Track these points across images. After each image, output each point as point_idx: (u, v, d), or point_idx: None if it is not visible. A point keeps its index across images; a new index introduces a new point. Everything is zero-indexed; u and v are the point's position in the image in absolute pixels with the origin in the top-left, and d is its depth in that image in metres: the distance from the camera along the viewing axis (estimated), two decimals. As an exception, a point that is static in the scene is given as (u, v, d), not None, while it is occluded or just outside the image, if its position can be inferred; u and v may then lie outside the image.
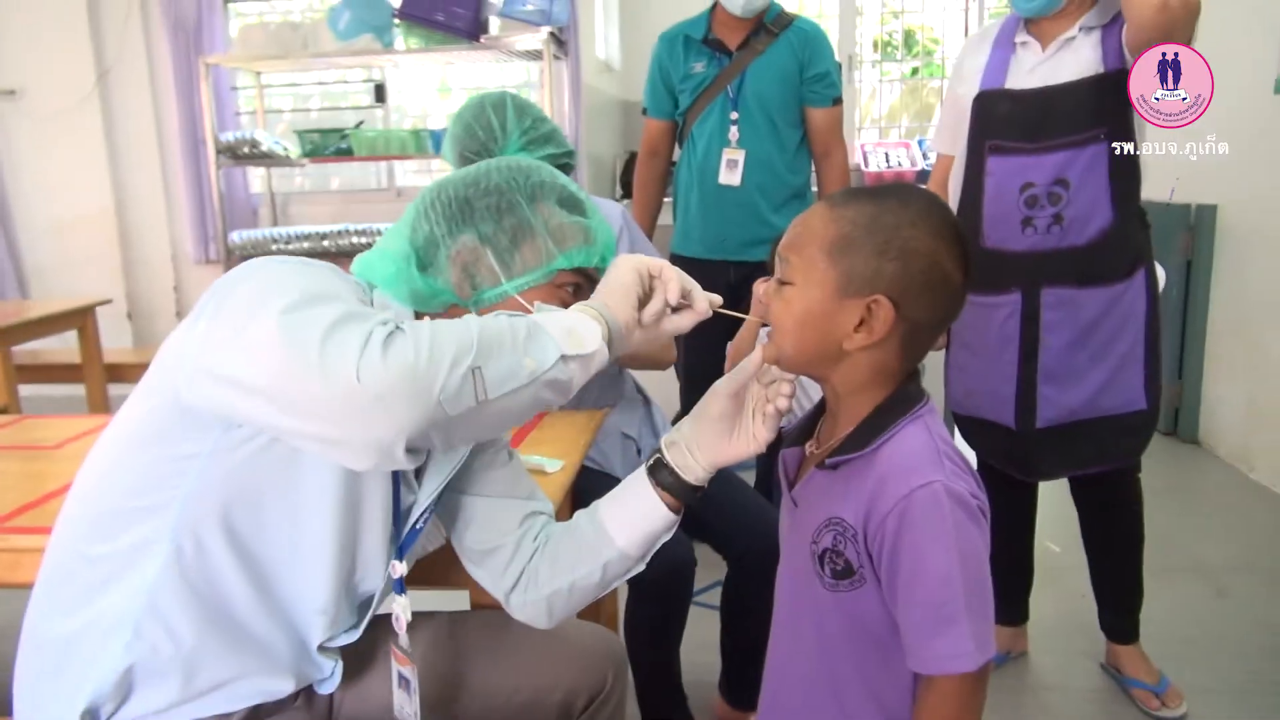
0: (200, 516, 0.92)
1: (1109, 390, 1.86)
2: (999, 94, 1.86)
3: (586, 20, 4.34)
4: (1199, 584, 2.55)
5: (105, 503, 0.94)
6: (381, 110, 4.86)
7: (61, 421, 1.81)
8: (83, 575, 0.95)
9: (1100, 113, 1.77)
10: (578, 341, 0.86)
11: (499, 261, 1.00)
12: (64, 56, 4.56)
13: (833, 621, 0.95)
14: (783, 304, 0.94)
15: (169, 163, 4.77)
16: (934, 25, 5.63)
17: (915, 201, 0.92)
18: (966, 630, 0.86)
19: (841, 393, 0.96)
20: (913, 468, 0.89)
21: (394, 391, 0.75)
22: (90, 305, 3.55)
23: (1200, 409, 3.68)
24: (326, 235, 4.30)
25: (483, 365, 0.80)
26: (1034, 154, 1.81)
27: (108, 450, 0.97)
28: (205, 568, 0.93)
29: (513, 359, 0.82)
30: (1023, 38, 1.88)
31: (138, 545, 0.92)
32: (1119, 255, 1.82)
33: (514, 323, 0.85)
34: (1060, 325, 1.84)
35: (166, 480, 0.91)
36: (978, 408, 1.98)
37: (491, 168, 1.03)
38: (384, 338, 0.77)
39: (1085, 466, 1.93)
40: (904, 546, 0.87)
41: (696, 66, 2.63)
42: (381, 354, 0.75)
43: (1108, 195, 1.79)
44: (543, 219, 1.01)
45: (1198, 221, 3.54)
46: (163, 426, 0.91)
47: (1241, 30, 3.17)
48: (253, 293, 0.84)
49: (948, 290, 0.92)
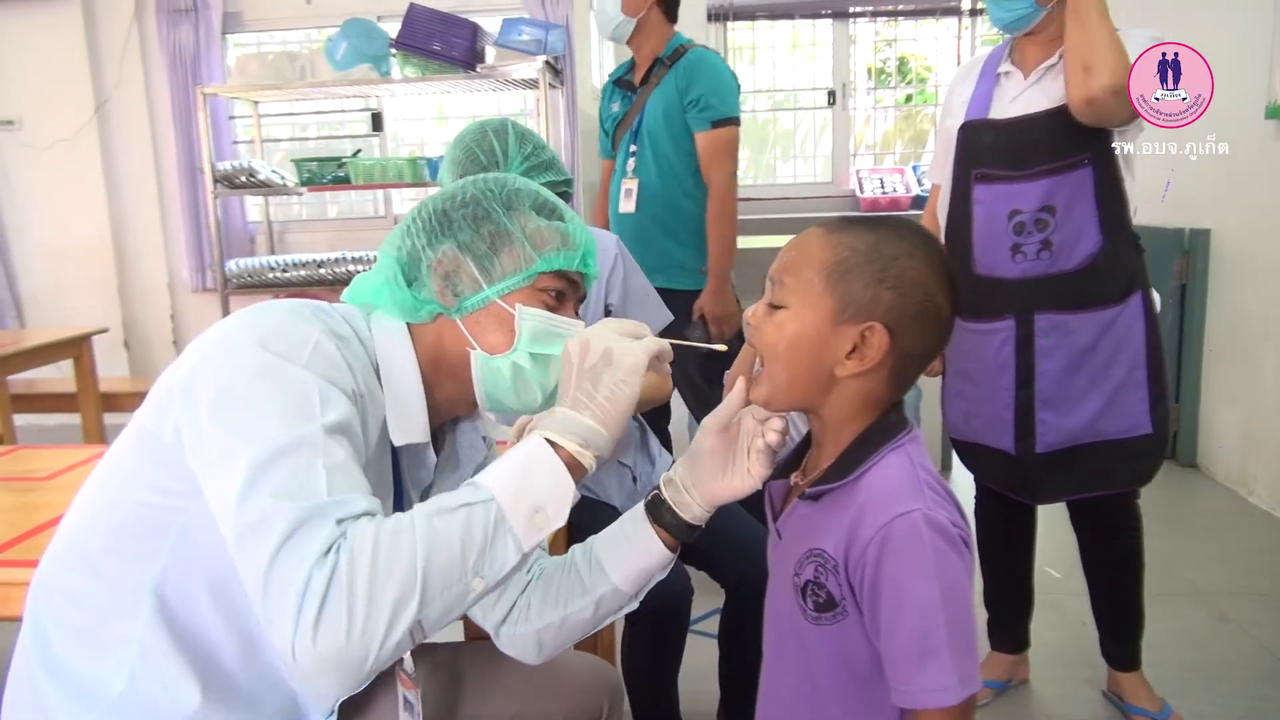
0: (187, 569, 0.90)
1: (1109, 414, 1.85)
2: (983, 124, 1.88)
3: (582, 48, 4.39)
4: (1200, 609, 2.53)
5: (94, 544, 0.94)
6: (378, 139, 4.88)
7: (54, 452, 1.80)
8: (71, 617, 0.93)
9: (1083, 138, 1.77)
10: (543, 522, 0.84)
11: (479, 268, 1.00)
12: (63, 86, 4.59)
13: (816, 655, 0.94)
14: (774, 328, 0.93)
15: (166, 191, 4.79)
16: (927, 54, 5.69)
17: (911, 234, 0.93)
18: (949, 663, 0.84)
19: (829, 423, 0.95)
20: (893, 496, 0.88)
21: (322, 675, 0.75)
22: (86, 334, 3.54)
23: (1198, 433, 3.68)
24: (323, 263, 4.31)
25: (424, 614, 0.78)
26: (1020, 181, 1.82)
27: (99, 486, 0.96)
28: (190, 619, 0.92)
29: (460, 586, 0.80)
30: (1006, 67, 1.90)
31: (128, 592, 0.91)
32: (1110, 279, 1.83)
33: (472, 526, 0.81)
34: (1054, 350, 1.85)
35: (155, 529, 0.90)
36: (976, 433, 1.98)
37: (468, 182, 1.05)
38: (320, 596, 0.74)
39: (1089, 490, 1.92)
40: (884, 577, 0.86)
41: (614, 106, 2.88)
42: (313, 632, 0.74)
43: (1095, 220, 1.80)
44: (520, 225, 1.01)
45: (1192, 245, 3.56)
46: (152, 475, 0.90)
47: (1233, 55, 3.20)
48: (227, 417, 0.83)
49: (939, 323, 0.92)
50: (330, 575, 0.75)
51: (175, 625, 0.91)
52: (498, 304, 1.00)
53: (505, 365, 1.00)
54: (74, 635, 0.93)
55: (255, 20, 4.78)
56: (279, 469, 0.80)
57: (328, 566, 0.75)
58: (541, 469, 0.86)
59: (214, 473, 0.82)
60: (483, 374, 1.01)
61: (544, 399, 1.03)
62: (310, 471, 0.80)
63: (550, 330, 1.00)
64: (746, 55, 5.68)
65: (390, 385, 0.98)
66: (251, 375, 0.85)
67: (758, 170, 5.83)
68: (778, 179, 5.81)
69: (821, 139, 5.77)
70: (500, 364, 1.00)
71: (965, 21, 5.51)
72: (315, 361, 0.87)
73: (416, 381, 1.00)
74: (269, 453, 0.80)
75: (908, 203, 5.41)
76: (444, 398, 1.04)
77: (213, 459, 0.83)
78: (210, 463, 0.83)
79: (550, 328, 1.00)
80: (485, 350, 1.00)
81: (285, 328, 0.89)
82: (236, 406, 0.83)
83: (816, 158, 5.77)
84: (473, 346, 1.00)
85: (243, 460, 0.80)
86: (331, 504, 0.79)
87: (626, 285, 1.88)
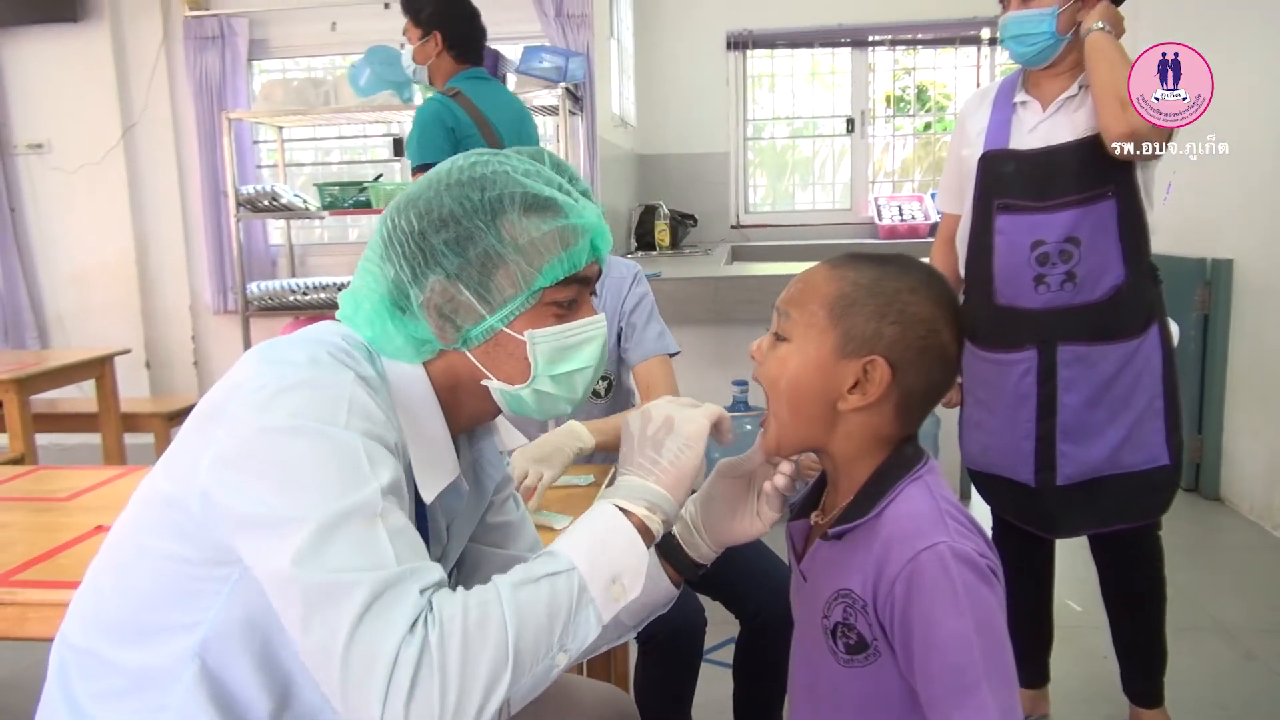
0: (227, 634, 0.87)
1: (1129, 446, 1.84)
2: (1004, 154, 1.87)
3: (602, 76, 4.42)
4: (1224, 645, 2.49)
5: (128, 608, 0.90)
6: (400, 163, 4.93)
7: (75, 473, 1.81)
8: (103, 681, 0.91)
9: (1107, 170, 1.77)
10: (619, 593, 0.83)
11: (475, 297, 0.90)
12: (91, 111, 4.67)
13: (849, 697, 0.93)
14: (777, 362, 0.93)
15: (190, 214, 4.85)
16: (946, 82, 5.70)
17: (916, 270, 0.93)
18: (988, 699, 0.83)
19: (839, 461, 0.95)
20: (916, 530, 0.87)
21: None
22: (108, 355, 3.58)
23: (1221, 465, 3.63)
24: (343, 286, 4.32)
25: (514, 690, 0.75)
26: (1043, 212, 1.80)
27: (133, 551, 0.91)
28: (229, 681, 0.88)
29: (547, 661, 0.78)
30: (1022, 97, 1.89)
31: (166, 661, 0.87)
32: (1133, 311, 1.82)
33: (557, 597, 0.79)
34: (1077, 382, 1.83)
35: (194, 599, 0.86)
36: (993, 464, 1.96)
37: (442, 187, 0.91)
38: (411, 672, 0.71)
39: (1109, 523, 1.90)
40: (915, 614, 0.85)
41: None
42: (404, 711, 0.71)
43: (1119, 252, 1.79)
44: (510, 239, 0.89)
45: (1214, 276, 3.53)
46: (182, 547, 0.86)
47: (1253, 85, 3.19)
48: (271, 487, 0.78)
49: (944, 359, 0.92)
50: (420, 650, 0.72)
51: (215, 690, 0.88)
52: (505, 332, 0.92)
53: (526, 394, 0.94)
54: (105, 700, 0.91)
55: (280, 47, 4.86)
56: (342, 536, 0.75)
57: (417, 640, 0.72)
58: (619, 538, 0.85)
59: (264, 541, 0.77)
60: (504, 400, 0.96)
61: (574, 409, 1.00)
62: (373, 538, 0.76)
63: (568, 344, 0.94)
64: (766, 83, 5.72)
65: (412, 431, 0.92)
66: (292, 440, 0.79)
67: (776, 197, 5.85)
68: (796, 205, 5.82)
69: (840, 166, 5.78)
70: (521, 393, 0.94)
71: (984, 50, 5.52)
72: (354, 419, 0.81)
73: (441, 426, 0.94)
74: (329, 519, 0.76)
75: (926, 230, 5.40)
76: (466, 417, 0.99)
77: (259, 527, 0.77)
78: (256, 530, 0.78)
79: (567, 342, 0.94)
80: (502, 380, 0.94)
81: (314, 385, 0.83)
82: (281, 473, 0.78)
83: (835, 185, 5.79)
84: (488, 378, 0.94)
85: (300, 527, 0.75)
86: (407, 573, 0.76)
87: (639, 304, 1.89)
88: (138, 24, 4.71)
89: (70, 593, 0.97)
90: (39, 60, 4.68)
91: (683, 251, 5.02)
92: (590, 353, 0.96)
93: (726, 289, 3.53)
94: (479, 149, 0.98)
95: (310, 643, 0.74)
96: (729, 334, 3.53)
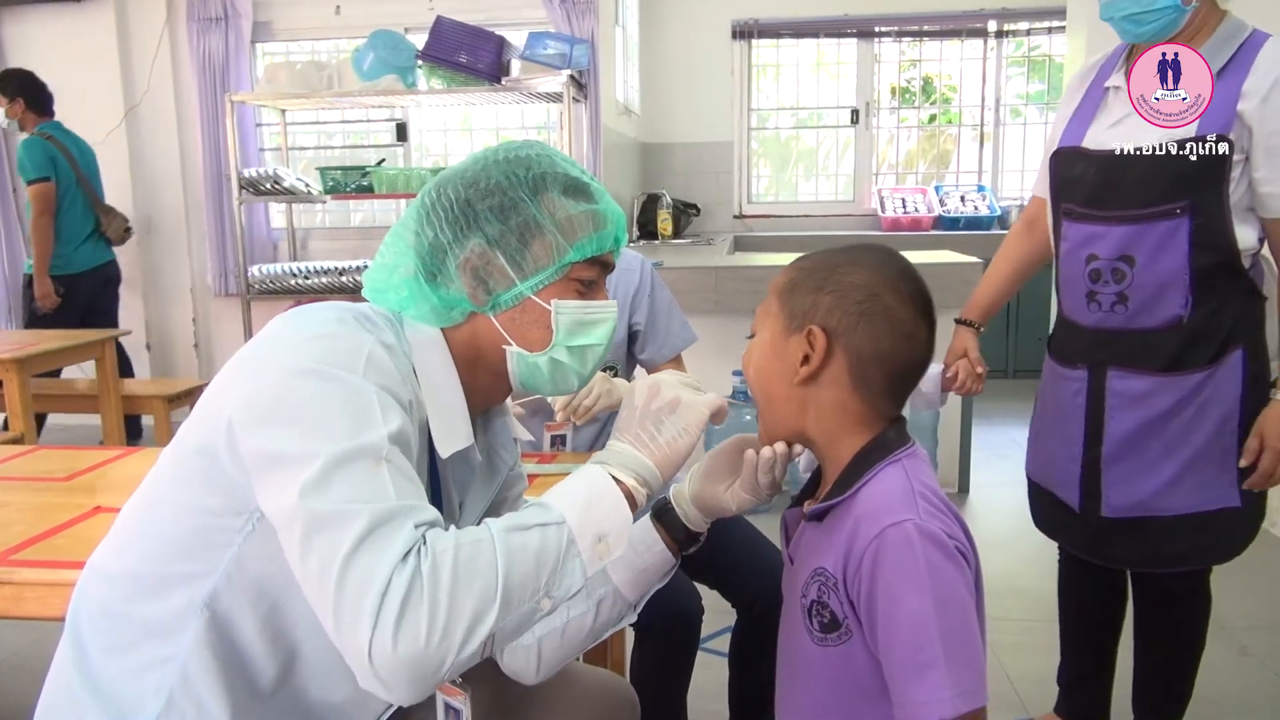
0: (239, 588, 0.90)
1: (1186, 484, 1.64)
2: (1074, 153, 1.68)
3: (606, 64, 4.41)
4: (1219, 643, 2.48)
5: (146, 560, 0.93)
6: (403, 148, 4.92)
7: (74, 453, 1.81)
8: (110, 632, 0.93)
9: (1183, 184, 1.54)
10: (604, 551, 0.86)
11: (510, 263, 0.98)
12: (94, 91, 4.65)
13: (822, 678, 0.94)
14: (748, 355, 1.00)
15: (192, 196, 4.84)
16: (951, 73, 5.68)
17: (864, 250, 0.97)
18: (945, 676, 0.83)
19: (822, 446, 0.97)
20: (885, 507, 0.89)
21: (398, 678, 0.75)
22: (109, 336, 3.58)
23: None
24: (345, 270, 4.34)
25: (499, 627, 0.79)
26: (1099, 223, 1.63)
27: (150, 505, 0.96)
28: (237, 638, 0.91)
29: (532, 603, 0.81)
30: (1117, 80, 1.65)
31: (175, 612, 0.90)
32: (1201, 342, 1.60)
33: (546, 546, 0.83)
34: (1125, 410, 1.66)
35: (207, 550, 0.90)
36: (1048, 479, 1.83)
37: (489, 163, 1.00)
38: (402, 597, 0.74)
39: (1165, 566, 1.73)
40: (879, 589, 0.86)
41: None
42: (393, 633, 0.74)
43: (1186, 278, 1.57)
44: (549, 213, 0.98)
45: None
46: (205, 495, 0.89)
47: None
48: (288, 423, 0.82)
49: (890, 324, 0.92)
50: (411, 577, 0.75)
51: (221, 646, 0.91)
52: (532, 300, 0.99)
53: (543, 361, 1.01)
54: (114, 652, 0.93)
55: (284, 30, 4.84)
56: (348, 472, 0.79)
57: (409, 569, 0.76)
58: (605, 500, 0.89)
59: (277, 476, 0.81)
60: (519, 368, 1.02)
61: (580, 384, 1.05)
62: (377, 476, 0.81)
63: (586, 320, 1.01)
64: (771, 73, 5.70)
65: (432, 397, 0.98)
66: (311, 383, 0.84)
67: (779, 187, 5.84)
68: (799, 196, 5.81)
69: (844, 157, 5.77)
70: (538, 360, 1.00)
71: (990, 43, 5.50)
72: (371, 371, 0.87)
73: (458, 392, 1.00)
74: (338, 455, 0.80)
75: (929, 223, 5.39)
76: (480, 393, 1.04)
77: (274, 463, 0.82)
78: (271, 467, 0.82)
79: (586, 317, 1.01)
80: (522, 347, 1.00)
81: (337, 337, 0.89)
82: (298, 413, 0.83)
83: (839, 176, 5.77)
84: (509, 344, 1.00)
85: (310, 462, 0.79)
86: (405, 508, 0.80)
87: (653, 306, 1.89)
88: (141, 4, 4.70)
89: (68, 572, 0.98)
90: (42, 40, 4.66)
91: (685, 241, 5.02)
92: (603, 332, 1.03)
93: (728, 279, 3.53)
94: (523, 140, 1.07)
95: (309, 566, 0.78)
96: (730, 324, 3.52)
